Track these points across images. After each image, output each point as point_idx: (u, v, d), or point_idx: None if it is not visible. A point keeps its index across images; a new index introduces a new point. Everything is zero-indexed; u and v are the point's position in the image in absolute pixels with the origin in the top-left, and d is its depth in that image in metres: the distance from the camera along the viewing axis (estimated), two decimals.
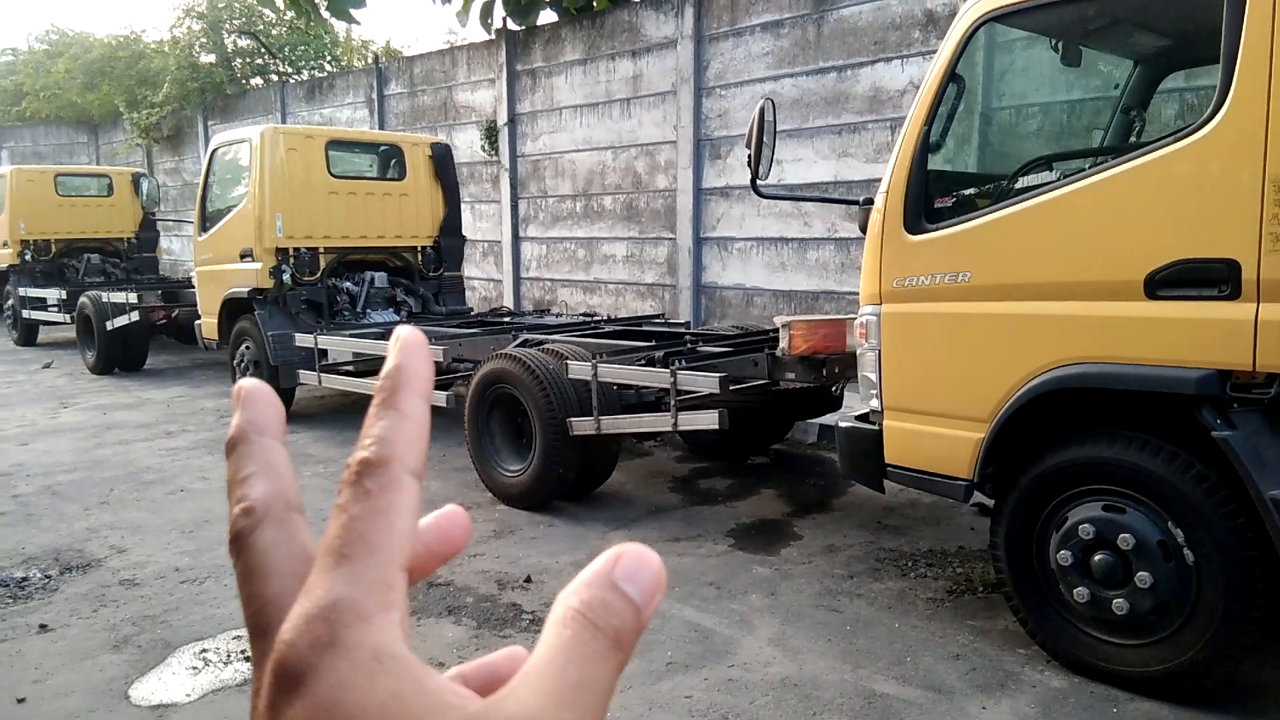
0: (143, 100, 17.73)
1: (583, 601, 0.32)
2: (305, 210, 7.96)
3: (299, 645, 0.30)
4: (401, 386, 0.34)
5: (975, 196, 3.72)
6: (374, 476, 0.32)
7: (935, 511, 5.25)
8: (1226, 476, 2.99)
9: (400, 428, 0.33)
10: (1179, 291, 3.02)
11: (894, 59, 7.79)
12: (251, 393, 0.38)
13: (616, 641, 0.31)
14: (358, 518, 0.32)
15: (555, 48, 10.80)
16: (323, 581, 0.31)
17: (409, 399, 0.34)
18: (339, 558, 0.31)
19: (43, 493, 5.87)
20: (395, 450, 0.33)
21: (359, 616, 0.30)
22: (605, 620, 0.31)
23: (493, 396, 5.58)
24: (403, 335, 0.36)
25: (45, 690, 3.33)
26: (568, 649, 0.31)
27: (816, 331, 4.89)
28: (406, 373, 0.35)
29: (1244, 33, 2.87)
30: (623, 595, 0.32)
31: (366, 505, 0.32)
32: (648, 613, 0.32)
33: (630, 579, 0.32)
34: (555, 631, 0.31)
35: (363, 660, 0.29)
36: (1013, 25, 3.84)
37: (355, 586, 0.30)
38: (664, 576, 0.33)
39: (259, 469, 0.36)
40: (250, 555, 0.34)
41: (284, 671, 0.30)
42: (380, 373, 0.35)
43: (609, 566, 0.32)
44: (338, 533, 0.32)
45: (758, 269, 8.89)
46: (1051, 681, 3.36)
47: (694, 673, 3.43)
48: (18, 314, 13.02)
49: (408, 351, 0.35)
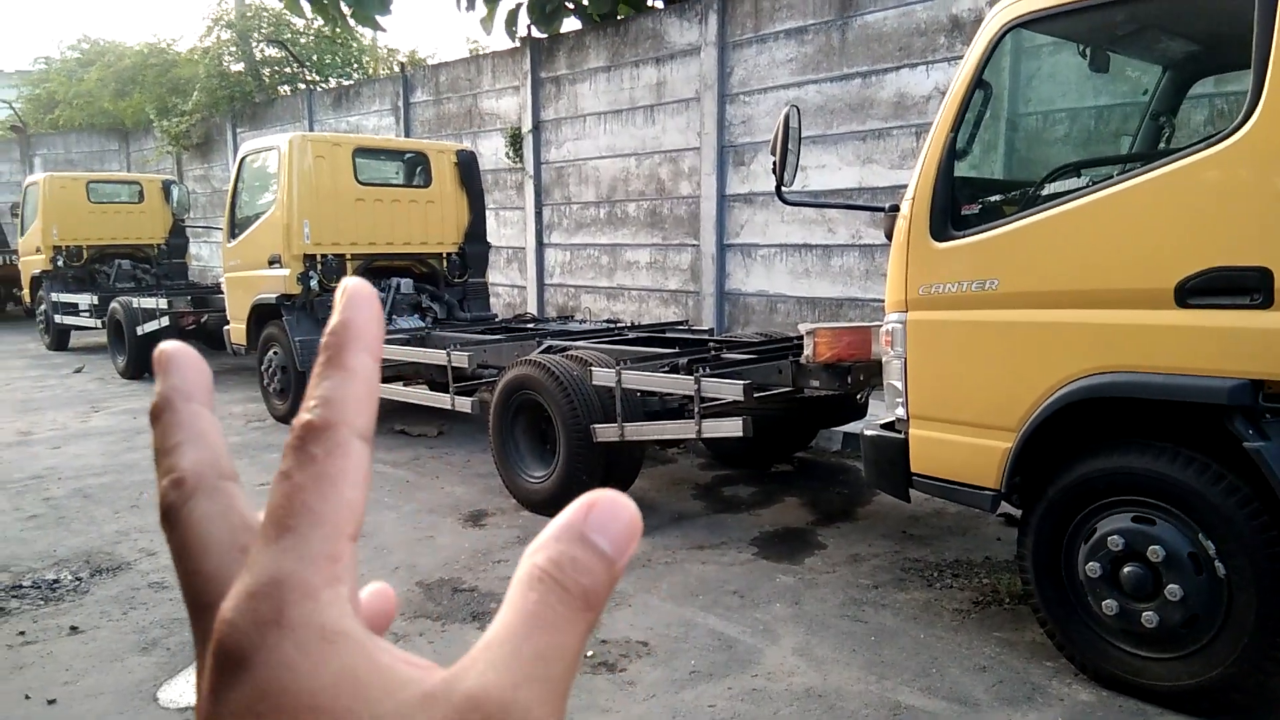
0: (173, 108, 17.96)
1: (549, 559, 0.29)
2: (332, 217, 8.03)
3: (240, 624, 0.28)
4: (348, 343, 0.32)
5: (1002, 203, 3.70)
6: (319, 441, 0.30)
7: (961, 521, 5.21)
8: (1259, 488, 2.94)
9: (347, 387, 0.31)
10: (1210, 300, 2.98)
11: (919, 65, 7.76)
12: (174, 357, 0.36)
13: (586, 602, 0.29)
14: (302, 486, 0.30)
15: (579, 55, 10.84)
16: (265, 555, 0.29)
17: (356, 356, 0.32)
18: (282, 529, 0.29)
19: (74, 496, 5.95)
20: (342, 412, 0.31)
21: (304, 593, 0.28)
22: (574, 580, 0.29)
23: (517, 403, 5.60)
24: (349, 287, 0.33)
25: (75, 691, 3.38)
26: (533, 615, 0.29)
27: (841, 339, 4.87)
28: (353, 328, 0.32)
29: (1275, 37, 2.83)
30: (594, 549, 0.29)
31: (311, 472, 0.30)
32: (621, 564, 0.30)
33: (602, 529, 0.30)
34: (520, 594, 0.29)
35: (310, 639, 0.28)
36: (1040, 31, 3.81)
37: (300, 561, 0.29)
38: (639, 524, 0.31)
39: (187, 437, 0.34)
40: (184, 529, 0.32)
41: (226, 652, 0.28)
42: (325, 329, 0.33)
43: (579, 517, 0.30)
44: (280, 502, 0.30)
45: (781, 276, 8.86)
46: (1079, 695, 3.32)
47: (717, 682, 3.42)
48: (50, 319, 13.22)
49: (354, 304, 0.33)
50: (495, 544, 4.91)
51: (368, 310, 0.33)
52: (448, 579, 4.42)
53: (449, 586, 4.34)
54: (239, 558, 0.31)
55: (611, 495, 0.31)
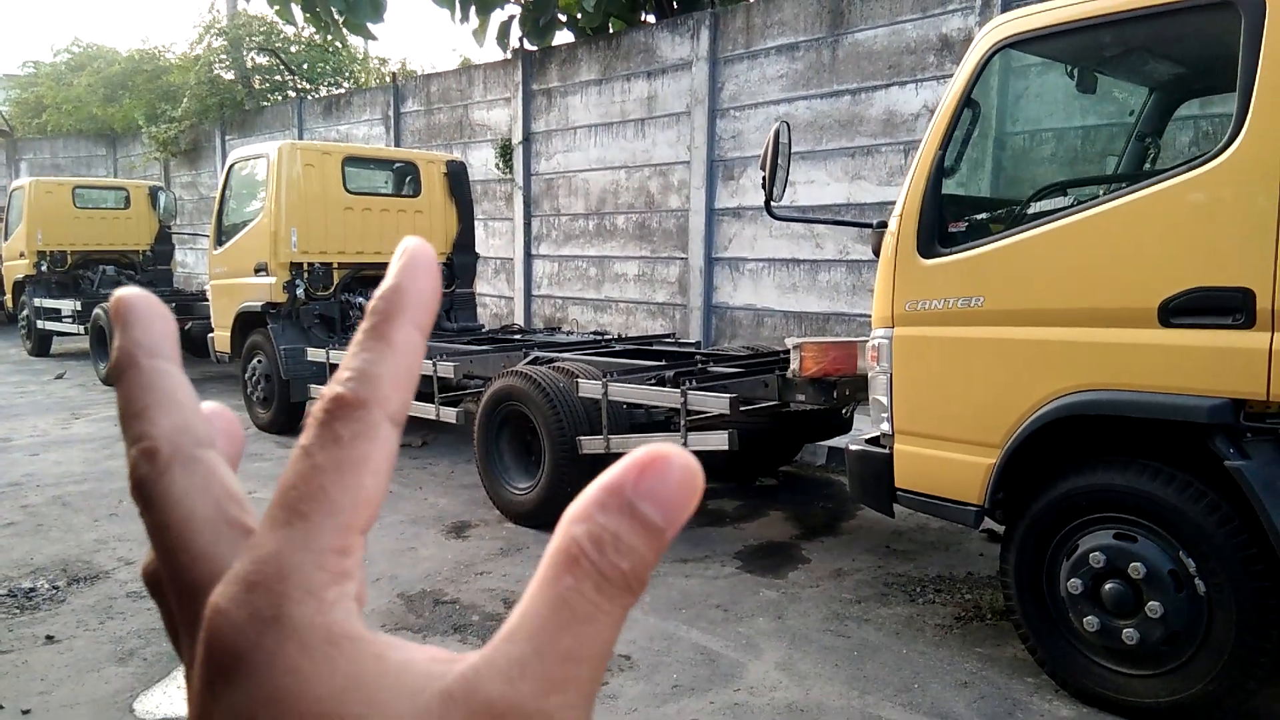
0: (162, 114, 17.91)
1: (590, 536, 0.26)
2: (320, 225, 8.01)
3: (236, 618, 0.26)
4: (397, 312, 0.29)
5: (989, 221, 3.72)
6: (348, 420, 0.27)
7: (944, 537, 5.22)
8: (1239, 506, 2.96)
9: (387, 362, 0.28)
10: (1193, 319, 3.00)
11: (908, 83, 7.81)
12: (134, 306, 0.31)
13: (626, 586, 0.26)
14: (321, 468, 0.27)
15: (571, 68, 10.87)
16: (269, 540, 0.26)
17: (403, 329, 0.29)
18: (292, 514, 0.27)
19: (52, 503, 5.89)
20: (378, 390, 0.28)
21: (308, 590, 0.26)
22: (614, 564, 0.25)
23: (502, 414, 5.58)
24: (410, 248, 0.30)
25: (50, 702, 3.33)
26: (565, 605, 0.25)
27: (827, 353, 4.88)
28: (406, 295, 0.29)
29: (1261, 60, 2.86)
30: (642, 522, 0.26)
31: (334, 454, 0.27)
32: (671, 534, 0.26)
33: (653, 495, 0.26)
34: (552, 574, 0.26)
35: (315, 642, 0.25)
36: (1028, 51, 3.85)
37: (306, 553, 0.26)
38: (698, 482, 0.26)
39: (155, 400, 0.30)
40: (163, 506, 0.29)
41: (221, 648, 0.26)
42: (376, 292, 0.29)
43: (630, 479, 0.26)
44: (295, 481, 0.27)
45: (769, 290, 8.89)
46: (1060, 711, 3.32)
47: (700, 696, 3.40)
48: (32, 324, 13.12)
49: (411, 270, 0.29)
50: (478, 556, 4.88)
51: (425, 278, 0.29)
52: (429, 591, 4.40)
53: (430, 598, 4.31)
54: (228, 532, 0.29)
55: (668, 453, 0.26)
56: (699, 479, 0.27)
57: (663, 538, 0.26)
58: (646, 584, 0.26)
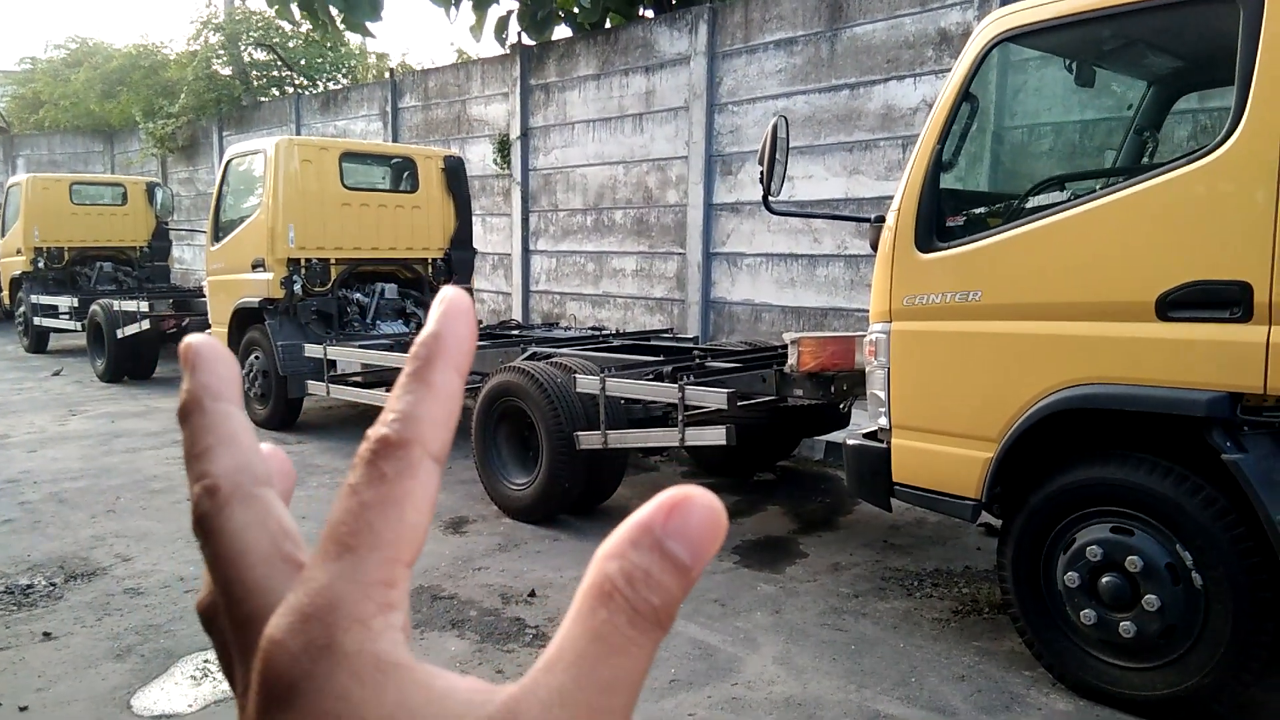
0: (159, 110, 17.88)
1: (622, 573, 0.27)
2: (318, 221, 8.00)
3: (290, 647, 0.27)
4: (437, 357, 0.30)
5: (987, 215, 3.72)
6: (392, 459, 0.29)
7: (942, 531, 5.22)
8: (1236, 500, 2.96)
9: (428, 404, 0.30)
10: (1190, 313, 3.01)
11: (907, 77, 7.80)
12: (201, 352, 0.34)
13: (657, 621, 0.27)
14: (368, 504, 0.29)
15: (569, 63, 10.85)
16: (320, 574, 0.28)
17: (443, 373, 0.30)
18: (342, 548, 0.28)
19: (49, 500, 5.88)
20: (419, 430, 0.30)
21: (358, 619, 0.27)
22: (646, 600, 0.27)
23: (500, 409, 5.58)
24: (448, 296, 0.32)
25: (48, 698, 3.33)
26: (600, 638, 0.27)
27: (825, 348, 4.88)
28: (445, 341, 0.31)
29: (1259, 54, 2.86)
30: (670, 560, 0.27)
31: (380, 491, 0.29)
32: (697, 571, 0.28)
33: (681, 534, 0.27)
34: (587, 609, 0.27)
35: (365, 670, 0.27)
36: (1027, 45, 3.84)
37: (355, 584, 0.28)
38: (722, 525, 0.28)
39: (218, 440, 0.32)
40: (221, 539, 0.31)
41: (275, 677, 0.27)
42: (417, 339, 0.31)
43: (658, 519, 0.28)
44: (344, 519, 0.29)
45: (767, 285, 8.88)
46: (1057, 704, 3.32)
47: (697, 690, 3.40)
48: (29, 321, 13.10)
49: (450, 317, 0.31)
50: (476, 551, 4.88)
51: (463, 325, 0.31)
52: (427, 586, 4.40)
53: (428, 594, 4.31)
54: (282, 566, 0.30)
55: (693, 495, 0.28)
56: (723, 520, 0.28)
57: (689, 576, 0.28)
58: (674, 618, 0.28)
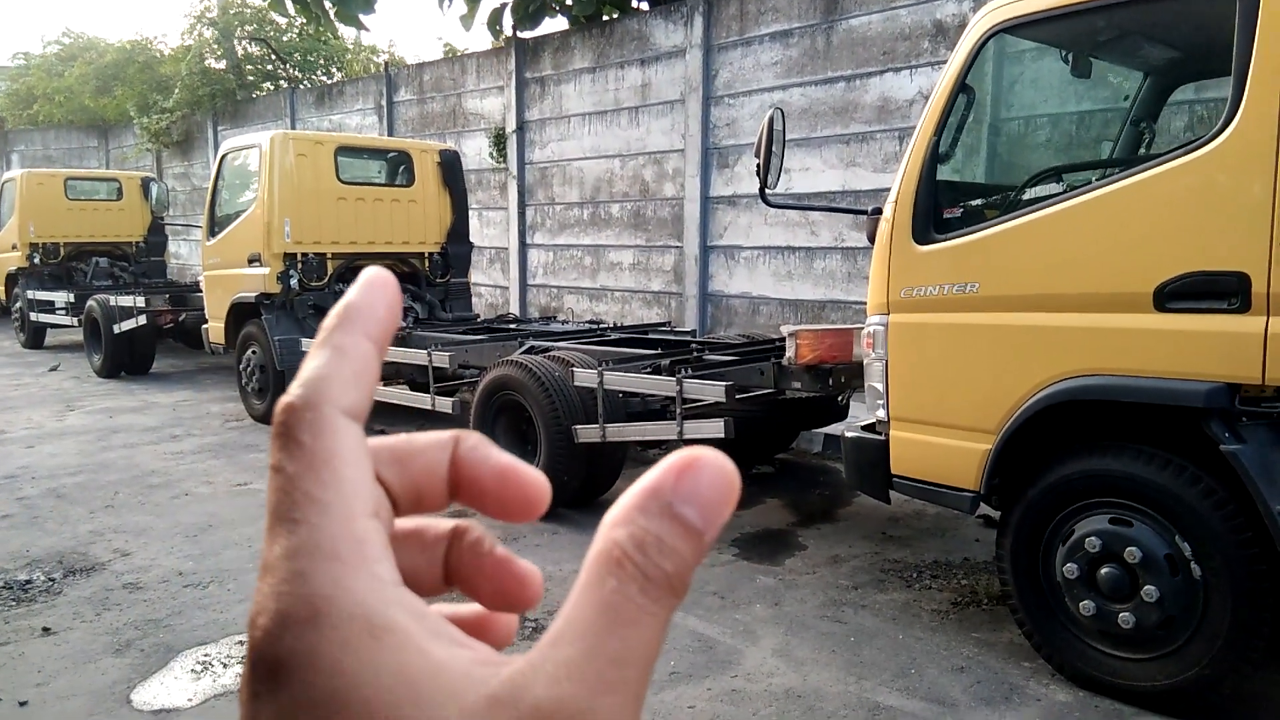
0: (154, 105, 17.82)
1: (631, 538, 0.26)
2: (314, 215, 7.98)
3: (272, 630, 0.26)
4: (345, 323, 0.30)
5: (984, 207, 3.71)
6: (304, 424, 0.28)
7: (940, 523, 5.23)
8: (1234, 490, 2.97)
9: (332, 364, 0.29)
10: (1188, 304, 3.00)
11: (903, 69, 7.79)
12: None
13: (670, 588, 0.26)
14: (298, 475, 0.27)
15: (564, 55, 10.83)
16: (278, 552, 0.27)
17: (350, 335, 0.30)
18: (289, 523, 0.27)
19: (47, 495, 5.87)
20: (325, 390, 0.28)
21: (337, 584, 0.26)
22: (657, 565, 0.26)
23: (498, 403, 5.57)
24: (367, 272, 0.31)
25: (47, 693, 3.33)
26: (610, 608, 0.26)
27: (823, 341, 4.88)
28: (355, 308, 0.30)
29: (1256, 45, 2.86)
30: (682, 524, 0.26)
31: (302, 459, 0.27)
32: (711, 536, 0.27)
33: (692, 497, 0.26)
34: (595, 579, 0.26)
35: (353, 636, 0.25)
36: (1023, 36, 3.83)
37: (317, 552, 0.26)
38: (735, 486, 0.27)
39: None
40: None
41: (262, 659, 0.26)
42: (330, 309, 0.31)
43: (667, 482, 0.27)
44: (279, 498, 0.27)
45: (764, 278, 8.88)
46: (1056, 695, 3.33)
47: (697, 683, 3.41)
48: (26, 316, 13.07)
49: (365, 288, 0.31)
50: None
51: (376, 294, 0.31)
52: None
53: None
54: None
55: (704, 456, 0.27)
56: (735, 481, 0.27)
57: (702, 540, 0.27)
58: (689, 586, 0.27)
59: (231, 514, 5.44)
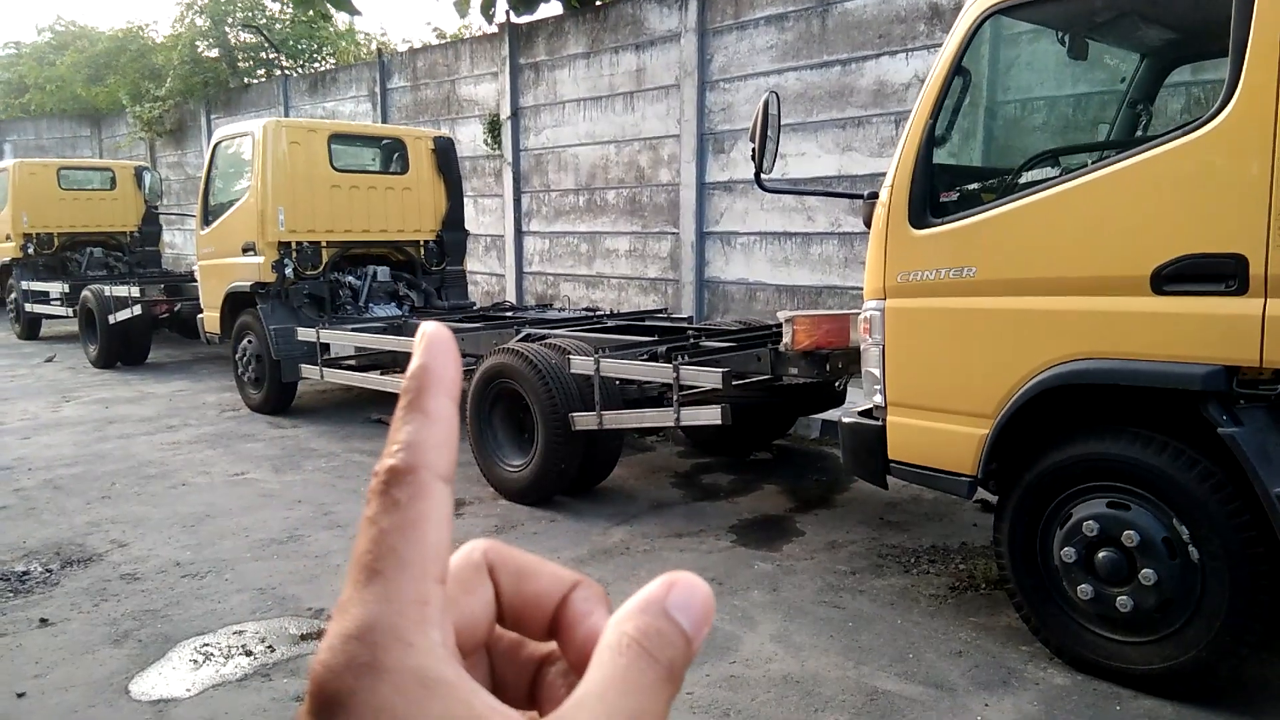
0: (146, 94, 17.72)
1: (638, 629, 0.31)
2: (308, 204, 7.94)
3: (336, 667, 0.28)
4: (428, 387, 0.33)
5: (980, 191, 3.69)
6: (402, 485, 0.31)
7: (938, 508, 5.23)
8: (1232, 473, 2.96)
9: (428, 431, 0.32)
10: (1186, 287, 2.99)
11: (899, 52, 7.75)
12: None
13: (670, 673, 0.31)
14: (388, 531, 0.30)
15: (558, 41, 10.77)
16: (355, 600, 0.30)
17: (436, 400, 0.33)
18: (370, 574, 0.30)
19: (44, 487, 5.86)
20: (424, 456, 0.31)
21: (398, 637, 0.29)
22: (661, 651, 0.31)
23: (495, 391, 5.56)
24: (428, 332, 0.34)
25: (45, 684, 3.33)
26: (624, 679, 0.30)
27: (820, 326, 4.87)
28: (432, 373, 0.33)
29: (1253, 26, 2.84)
30: (676, 625, 0.31)
31: (396, 517, 0.31)
32: (697, 644, 0.32)
33: (683, 608, 0.32)
34: (610, 658, 0.31)
35: (407, 684, 0.28)
36: (1019, 18, 3.81)
37: (389, 604, 0.29)
38: (713, 607, 0.33)
39: None
40: None
41: (323, 695, 0.28)
42: (405, 372, 0.33)
43: (663, 593, 0.32)
44: (367, 547, 0.30)
45: (761, 264, 8.86)
46: (1054, 679, 3.34)
47: (695, 669, 3.41)
48: (20, 307, 13.03)
49: (433, 350, 0.33)
50: (472, 533, 4.85)
51: (446, 354, 0.33)
52: None
53: None
54: None
55: (689, 577, 0.33)
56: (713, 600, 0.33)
57: (691, 644, 0.32)
58: (682, 683, 0.31)
59: (229, 504, 5.44)
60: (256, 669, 3.43)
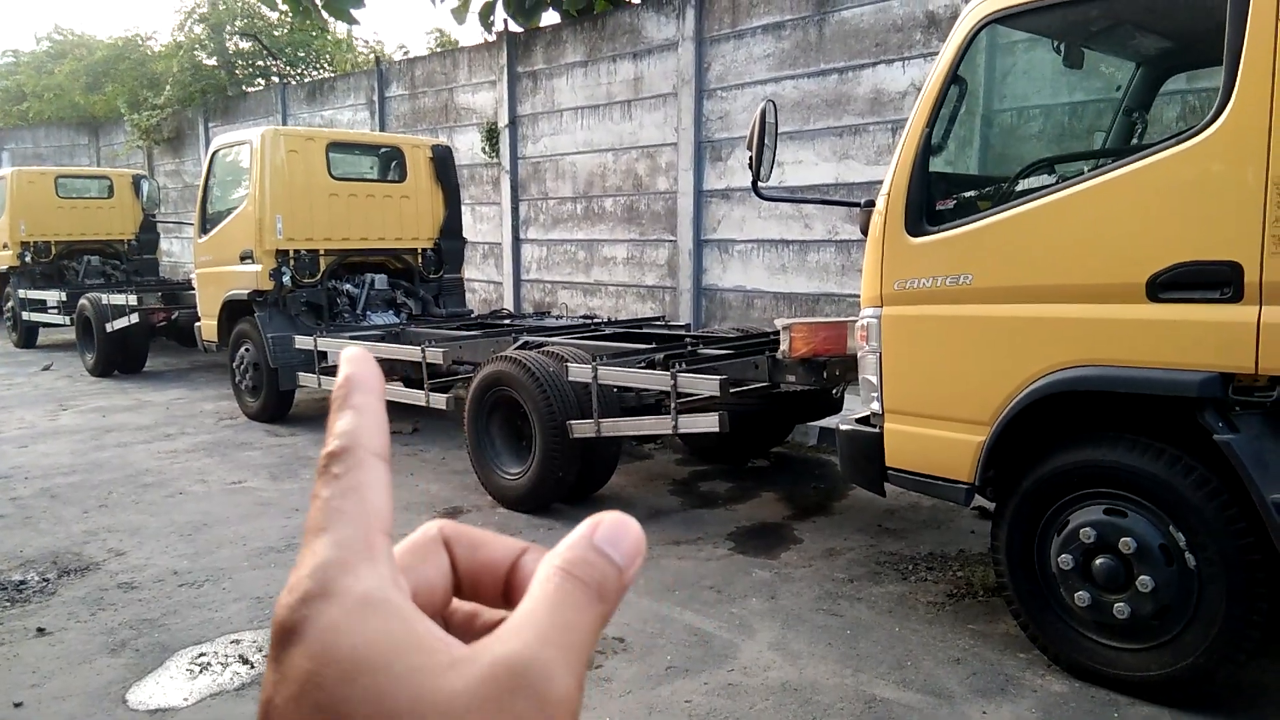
0: (144, 102, 17.74)
1: (565, 560, 0.34)
2: (306, 212, 7.95)
3: (290, 604, 0.31)
4: (354, 390, 0.37)
5: (977, 199, 3.71)
6: (340, 461, 0.35)
7: (936, 515, 5.24)
8: (1228, 480, 2.97)
9: (359, 419, 0.36)
10: (1181, 294, 3.00)
11: (895, 61, 7.78)
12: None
13: (600, 593, 0.33)
14: (330, 498, 0.34)
15: (556, 49, 10.80)
16: (307, 553, 0.33)
17: (363, 397, 0.37)
18: (319, 531, 0.33)
19: (41, 495, 5.85)
20: (357, 437, 0.35)
21: (344, 568, 0.32)
22: (588, 574, 0.33)
23: (492, 399, 5.56)
24: (350, 355, 0.38)
25: (42, 694, 3.32)
26: (552, 598, 0.33)
27: (817, 334, 4.88)
28: (356, 378, 0.37)
29: (1247, 35, 2.85)
30: (604, 554, 0.34)
31: (336, 487, 0.34)
32: (630, 573, 0.34)
33: (611, 542, 0.34)
34: (539, 586, 0.33)
35: (351, 604, 0.31)
36: (1015, 27, 3.83)
37: (337, 548, 0.32)
38: (644, 541, 0.35)
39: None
40: None
41: (281, 630, 0.31)
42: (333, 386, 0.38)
43: (589, 531, 0.35)
44: (314, 515, 0.34)
45: (758, 271, 8.87)
46: (1052, 686, 3.34)
47: (694, 677, 3.41)
48: (18, 316, 13.01)
49: (355, 362, 0.38)
50: None
51: (367, 364, 0.38)
52: None
53: None
54: None
55: (616, 514, 0.35)
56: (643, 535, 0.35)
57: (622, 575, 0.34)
58: (615, 604, 0.34)
59: (226, 512, 5.43)
60: (254, 678, 3.42)
